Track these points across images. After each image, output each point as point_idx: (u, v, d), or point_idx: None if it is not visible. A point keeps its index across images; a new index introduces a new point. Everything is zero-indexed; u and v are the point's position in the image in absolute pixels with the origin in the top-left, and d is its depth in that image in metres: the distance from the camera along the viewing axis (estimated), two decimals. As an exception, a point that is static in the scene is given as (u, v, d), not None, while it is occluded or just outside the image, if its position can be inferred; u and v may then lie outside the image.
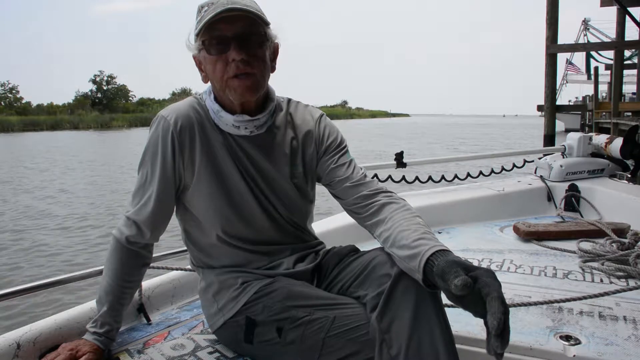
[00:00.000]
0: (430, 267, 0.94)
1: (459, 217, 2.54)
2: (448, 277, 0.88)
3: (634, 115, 18.79)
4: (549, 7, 13.02)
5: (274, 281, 1.18)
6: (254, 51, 1.13)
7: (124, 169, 14.71)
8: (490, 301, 0.83)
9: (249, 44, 1.12)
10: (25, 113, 57.18)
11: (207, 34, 1.12)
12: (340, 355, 1.02)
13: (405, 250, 1.01)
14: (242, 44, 1.11)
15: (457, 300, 0.89)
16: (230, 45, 1.11)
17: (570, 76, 37.71)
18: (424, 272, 0.95)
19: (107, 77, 71.33)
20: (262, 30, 1.15)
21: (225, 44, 1.11)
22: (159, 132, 1.20)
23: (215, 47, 1.13)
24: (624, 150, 2.93)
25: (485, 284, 0.86)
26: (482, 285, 0.86)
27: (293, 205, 1.28)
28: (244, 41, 1.12)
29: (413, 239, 1.01)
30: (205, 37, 1.12)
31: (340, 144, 1.30)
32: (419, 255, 0.97)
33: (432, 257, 0.95)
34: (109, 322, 1.22)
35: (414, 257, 0.98)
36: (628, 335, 1.27)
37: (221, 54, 1.12)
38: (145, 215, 1.21)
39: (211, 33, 1.11)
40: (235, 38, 1.11)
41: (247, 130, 1.21)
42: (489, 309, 0.83)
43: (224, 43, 1.12)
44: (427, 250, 0.96)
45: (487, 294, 0.84)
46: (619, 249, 1.89)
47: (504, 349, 0.81)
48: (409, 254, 0.99)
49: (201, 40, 1.14)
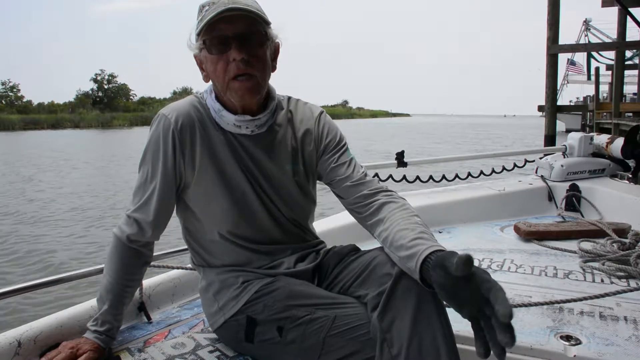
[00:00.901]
0: (427, 265, 0.94)
1: (460, 216, 2.53)
2: (447, 261, 0.87)
3: (634, 115, 18.79)
4: (550, 8, 13.01)
5: (275, 280, 1.18)
6: (255, 51, 1.14)
7: (126, 167, 14.72)
8: (496, 292, 0.81)
9: (249, 43, 1.13)
10: (26, 112, 57.27)
11: (208, 33, 1.12)
12: (341, 355, 1.02)
13: (402, 251, 1.01)
14: (242, 44, 1.12)
15: (451, 296, 0.88)
16: (231, 44, 1.11)
17: (571, 76, 37.70)
18: (420, 271, 0.95)
19: (108, 76, 71.50)
20: (262, 30, 1.15)
21: (226, 44, 1.12)
22: (160, 131, 1.20)
23: (216, 47, 1.13)
24: (625, 150, 2.93)
25: (485, 279, 0.85)
26: (481, 282, 0.84)
27: (295, 204, 1.28)
28: (244, 41, 1.12)
29: (410, 239, 1.01)
30: (206, 36, 1.13)
31: (340, 142, 1.30)
32: (415, 255, 0.97)
33: (429, 256, 0.95)
34: (110, 321, 1.22)
35: (411, 258, 0.98)
36: (629, 336, 1.26)
37: (222, 54, 1.13)
38: (146, 213, 1.21)
39: (212, 33, 1.12)
40: (236, 38, 1.11)
41: (248, 129, 1.21)
42: (495, 299, 0.80)
43: (224, 43, 1.12)
44: (424, 250, 0.96)
45: (489, 288, 0.82)
46: (619, 249, 1.89)
47: (514, 342, 0.78)
48: (406, 254, 0.99)
49: (202, 39, 1.14)
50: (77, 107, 62.52)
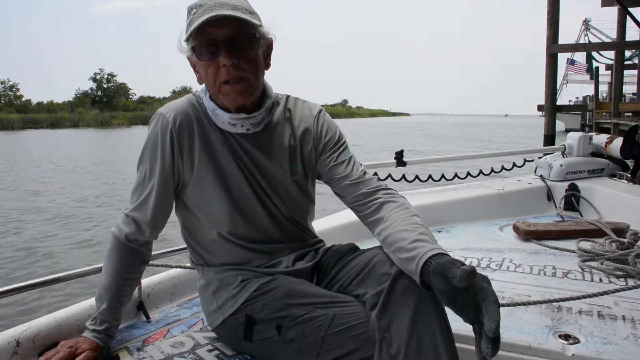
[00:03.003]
0: (427, 269, 0.94)
1: (459, 216, 2.53)
2: (450, 272, 0.88)
3: (634, 115, 18.78)
4: (549, 7, 13.01)
5: (274, 279, 1.18)
6: (245, 54, 1.12)
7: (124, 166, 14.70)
8: (488, 304, 0.84)
9: (239, 46, 1.11)
10: (25, 111, 57.20)
11: (196, 38, 1.10)
12: (339, 353, 1.02)
13: (402, 253, 1.01)
14: (232, 48, 1.10)
15: (451, 300, 0.89)
16: (220, 49, 1.09)
17: (571, 76, 37.70)
18: (421, 274, 0.95)
19: (108, 75, 71.45)
20: (252, 31, 1.12)
21: (215, 47, 1.10)
22: (158, 130, 1.19)
23: (206, 52, 1.11)
24: (624, 150, 2.93)
25: (482, 288, 0.86)
26: (478, 290, 0.86)
27: (294, 202, 1.27)
28: (233, 44, 1.10)
29: (410, 241, 1.01)
30: (195, 42, 1.11)
31: (339, 141, 1.29)
32: (415, 258, 0.97)
33: (429, 260, 0.95)
34: (109, 320, 1.22)
35: (411, 260, 0.98)
36: (627, 335, 1.27)
37: (211, 59, 1.11)
38: (144, 212, 1.21)
39: (200, 38, 1.10)
40: (225, 42, 1.09)
41: (243, 127, 1.21)
42: (486, 311, 0.83)
43: (213, 46, 1.10)
44: (424, 253, 0.97)
45: (484, 298, 0.85)
46: (618, 249, 1.89)
47: (495, 354, 0.83)
48: (406, 256, 1.00)
49: (191, 45, 1.12)
50: (76, 106, 62.43)
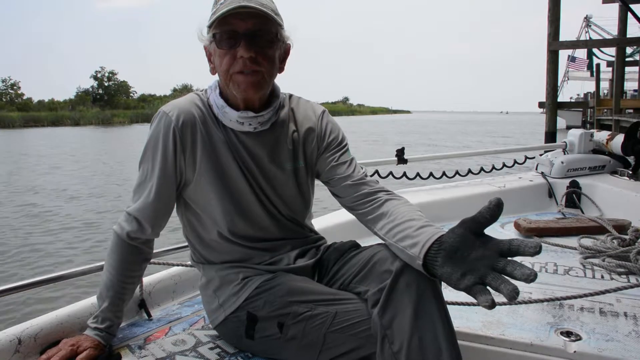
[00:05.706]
0: (434, 252, 0.94)
1: (460, 213, 2.51)
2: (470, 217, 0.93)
3: (635, 112, 18.76)
4: (550, 4, 12.97)
5: (275, 276, 1.18)
6: (263, 50, 1.13)
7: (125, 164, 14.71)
8: (518, 243, 0.87)
9: (258, 41, 1.12)
10: (26, 109, 57.14)
11: (219, 27, 1.11)
12: (341, 351, 1.03)
13: (407, 240, 1.01)
14: (251, 42, 1.11)
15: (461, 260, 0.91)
16: (240, 41, 1.11)
17: (572, 73, 37.64)
18: (425, 257, 0.95)
19: (109, 74, 71.22)
20: (273, 30, 1.14)
21: (235, 40, 1.11)
22: (161, 128, 1.19)
23: (226, 42, 1.12)
24: (625, 147, 2.93)
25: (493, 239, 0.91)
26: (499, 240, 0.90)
27: (293, 202, 1.27)
28: (254, 39, 1.11)
29: (417, 227, 1.02)
30: (217, 30, 1.12)
31: (342, 142, 1.30)
32: (421, 242, 0.97)
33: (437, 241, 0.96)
34: (110, 318, 1.22)
35: (416, 244, 0.98)
36: (628, 332, 1.27)
37: (230, 49, 1.12)
38: (146, 210, 1.21)
39: (223, 27, 1.11)
40: (246, 35, 1.10)
41: (250, 126, 1.21)
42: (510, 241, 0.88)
43: (234, 38, 1.11)
44: (435, 233, 0.97)
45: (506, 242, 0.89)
46: (619, 246, 1.89)
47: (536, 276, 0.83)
48: (411, 242, 1.00)
49: (212, 32, 1.13)
50: (77, 104, 62.41)
